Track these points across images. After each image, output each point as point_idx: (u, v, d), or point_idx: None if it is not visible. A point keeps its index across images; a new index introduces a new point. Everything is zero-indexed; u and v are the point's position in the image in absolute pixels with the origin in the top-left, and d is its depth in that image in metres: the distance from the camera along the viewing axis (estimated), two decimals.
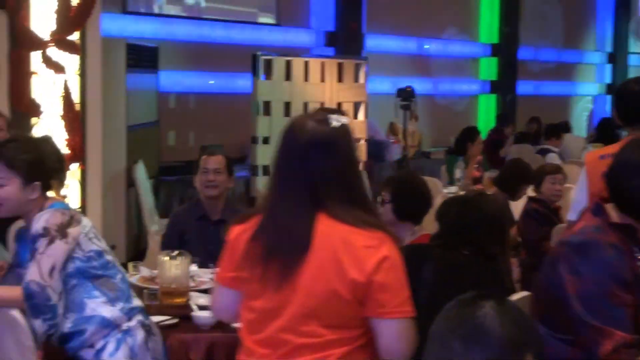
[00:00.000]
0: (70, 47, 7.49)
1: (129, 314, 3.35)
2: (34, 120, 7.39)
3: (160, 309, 3.96)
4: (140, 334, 3.33)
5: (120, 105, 8.53)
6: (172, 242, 5.06)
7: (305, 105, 9.88)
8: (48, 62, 7.41)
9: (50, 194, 3.40)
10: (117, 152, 8.49)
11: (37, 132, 7.24)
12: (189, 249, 4.32)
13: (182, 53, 10.76)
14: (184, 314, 3.90)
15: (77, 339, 3.28)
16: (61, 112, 7.53)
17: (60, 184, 3.43)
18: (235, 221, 2.76)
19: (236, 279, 2.70)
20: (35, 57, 7.39)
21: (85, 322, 3.27)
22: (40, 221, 3.23)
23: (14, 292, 3.24)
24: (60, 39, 7.44)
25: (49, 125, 7.48)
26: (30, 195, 3.31)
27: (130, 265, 4.71)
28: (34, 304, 3.17)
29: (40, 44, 7.36)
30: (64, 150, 7.13)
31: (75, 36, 7.60)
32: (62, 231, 3.22)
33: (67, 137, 7.31)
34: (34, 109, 7.36)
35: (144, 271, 4.59)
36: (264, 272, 2.60)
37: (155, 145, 9.89)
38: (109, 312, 3.30)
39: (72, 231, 3.24)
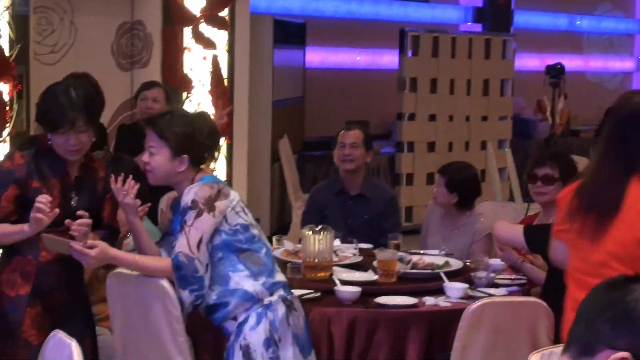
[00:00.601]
0: (219, 23, 7.64)
1: (271, 288, 3.37)
2: (185, 95, 7.57)
3: (303, 283, 4.01)
4: (281, 309, 3.35)
5: (266, 80, 8.64)
6: (312, 217, 5.11)
7: (452, 82, 9.78)
8: (199, 37, 7.58)
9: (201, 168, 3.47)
10: (263, 127, 8.62)
11: (187, 106, 7.42)
12: (328, 224, 4.35)
13: (329, 29, 10.80)
14: (326, 288, 3.93)
15: (221, 310, 3.34)
16: (210, 88, 7.69)
17: (211, 159, 3.48)
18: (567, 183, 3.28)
19: (562, 231, 3.13)
20: (187, 33, 7.57)
21: (229, 295, 3.32)
22: (189, 194, 3.29)
23: (163, 262, 3.33)
24: (210, 15, 7.58)
25: (199, 100, 7.66)
26: (179, 167, 3.35)
27: (274, 238, 4.79)
28: (182, 275, 3.24)
29: (191, 20, 7.53)
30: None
31: (224, 12, 7.74)
32: (209, 204, 3.26)
33: (214, 112, 7.49)
34: (186, 84, 7.54)
35: (288, 245, 4.65)
36: (581, 225, 3.02)
37: (300, 121, 9.99)
38: (251, 286, 3.33)
39: (219, 204, 3.28)
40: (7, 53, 6.34)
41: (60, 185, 3.50)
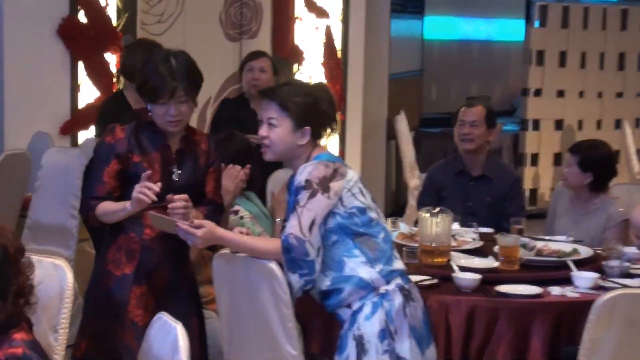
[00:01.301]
0: None
1: (388, 276, 3.33)
2: (295, 67, 7.61)
3: (419, 268, 3.98)
4: (397, 299, 3.32)
5: (383, 52, 8.62)
6: (429, 198, 5.08)
7: (583, 55, 9.57)
8: (311, 6, 7.60)
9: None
10: (378, 102, 8.61)
11: (299, 78, 7.45)
12: (446, 206, 4.31)
13: None
14: (444, 274, 3.90)
15: (334, 297, 3.33)
16: (322, 59, 7.70)
17: (330, 131, 3.46)
18: None
19: None
20: (299, 1, 7.60)
21: (344, 281, 3.31)
22: (303, 173, 3.27)
23: (272, 243, 3.34)
24: None
25: (310, 73, 7.69)
26: (300, 140, 3.35)
27: (389, 220, 4.76)
28: (292, 257, 3.23)
29: None
30: None
31: None
32: (324, 185, 3.24)
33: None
34: (296, 55, 7.58)
35: (403, 228, 4.63)
36: None
37: (417, 96, 9.94)
38: (367, 273, 3.30)
39: (335, 185, 3.26)
40: (114, 23, 6.49)
41: (161, 159, 3.55)
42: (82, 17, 6.44)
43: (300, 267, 3.24)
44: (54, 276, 3.18)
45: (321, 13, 7.64)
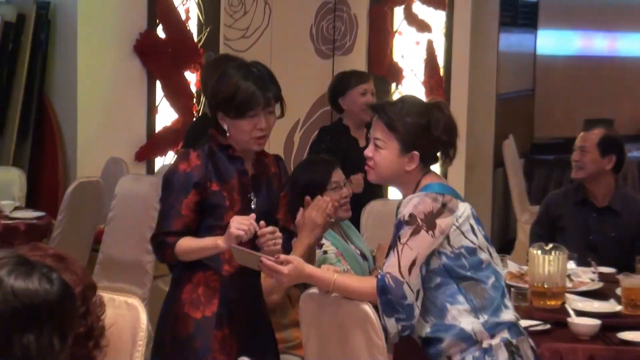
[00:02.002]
0: (436, 3, 7.66)
1: (493, 329, 3.27)
2: (394, 86, 7.63)
3: (529, 312, 3.95)
4: (502, 355, 3.25)
5: (490, 70, 8.59)
6: (543, 229, 5.04)
7: None
8: (412, 19, 7.63)
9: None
10: (484, 125, 8.57)
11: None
12: (564, 241, 4.27)
13: (567, 8, 10.60)
14: (558, 319, 3.86)
15: (434, 346, 3.30)
16: (423, 77, 7.71)
17: (445, 159, 3.38)
18: None
19: None
20: (398, 13, 7.63)
21: (444, 330, 3.27)
22: (408, 206, 3.23)
23: (367, 283, 3.32)
24: None
25: (410, 92, 7.69)
26: (407, 165, 3.30)
27: None
28: (388, 299, 3.19)
29: None
30: None
31: None
32: (429, 221, 3.20)
33: None
34: (395, 73, 7.61)
35: (512, 266, 4.60)
36: None
37: (528, 119, 9.86)
38: (469, 323, 3.26)
39: (442, 222, 3.21)
40: (195, 37, 6.59)
41: (239, 186, 3.56)
42: (160, 32, 6.56)
43: (396, 311, 3.20)
44: (127, 316, 3.22)
45: (422, 26, 7.66)
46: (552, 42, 10.35)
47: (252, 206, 3.57)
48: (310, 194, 4.06)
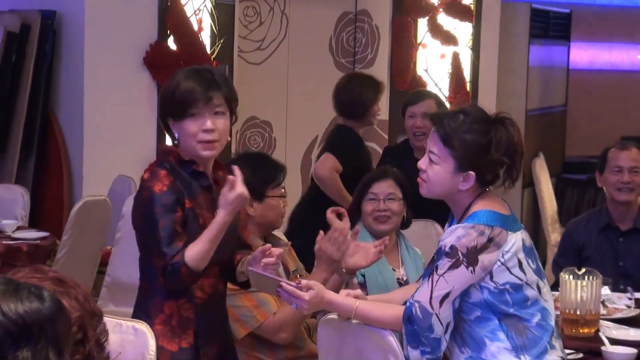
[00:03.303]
0: (462, 13, 7.68)
1: None
2: None
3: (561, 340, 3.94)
4: None
5: (519, 84, 8.59)
6: (567, 260, 4.99)
7: None
8: (436, 31, 7.64)
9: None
10: None
11: None
12: (589, 267, 4.25)
13: (601, 20, 10.60)
14: (591, 348, 3.85)
15: None
16: (448, 92, 7.72)
17: (510, 181, 3.28)
18: None
19: None
20: (422, 25, 7.64)
21: None
22: (451, 236, 3.17)
23: (393, 311, 3.28)
24: (452, 4, 7.63)
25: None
26: (461, 185, 3.23)
27: None
28: (413, 330, 3.16)
29: (428, 9, 7.60)
30: None
31: (469, 0, 7.76)
32: (471, 257, 3.13)
33: None
34: (418, 88, 7.60)
35: None
36: None
37: (560, 136, 9.85)
38: None
39: (485, 258, 3.14)
40: (208, 49, 6.61)
41: (205, 202, 3.46)
42: (171, 43, 6.58)
43: (422, 343, 3.17)
44: (135, 342, 3.22)
45: (448, 39, 7.67)
46: (586, 55, 10.35)
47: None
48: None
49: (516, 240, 3.20)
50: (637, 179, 5.05)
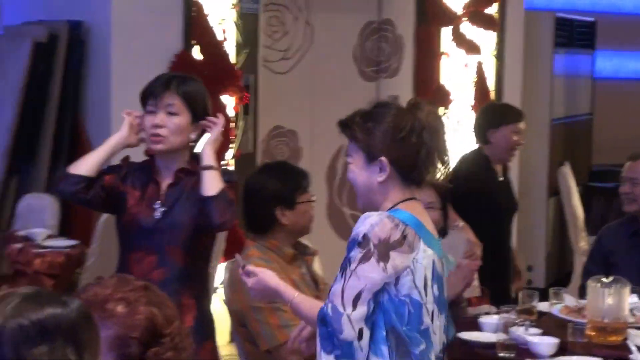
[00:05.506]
0: (486, 22, 7.71)
1: None
2: (441, 110, 7.67)
3: (588, 349, 3.97)
4: None
5: (544, 93, 8.62)
6: (596, 266, 5.04)
7: None
8: (460, 40, 7.67)
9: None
10: (539, 151, 8.59)
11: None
12: (618, 275, 4.28)
13: (627, 29, 10.60)
14: (619, 356, 3.88)
15: None
16: (472, 102, 7.74)
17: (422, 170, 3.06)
18: None
19: None
20: (446, 34, 7.67)
21: None
22: (365, 223, 2.95)
23: (316, 310, 3.03)
24: (475, 12, 7.66)
25: (458, 117, 7.73)
26: (378, 176, 3.02)
27: (550, 291, 4.76)
28: (327, 332, 2.93)
29: (452, 19, 7.63)
30: None
31: (493, 9, 7.79)
32: (382, 250, 2.91)
33: None
34: (442, 97, 7.63)
35: (568, 300, 4.62)
36: None
37: (586, 144, 9.86)
38: None
39: (396, 257, 2.91)
40: (232, 59, 6.66)
41: (147, 194, 3.91)
42: (196, 53, 6.63)
43: (334, 346, 2.92)
44: None
45: (472, 48, 7.70)
46: (611, 63, 10.36)
47: (156, 215, 3.81)
48: None
49: (428, 256, 2.98)
50: (637, 190, 5.09)
